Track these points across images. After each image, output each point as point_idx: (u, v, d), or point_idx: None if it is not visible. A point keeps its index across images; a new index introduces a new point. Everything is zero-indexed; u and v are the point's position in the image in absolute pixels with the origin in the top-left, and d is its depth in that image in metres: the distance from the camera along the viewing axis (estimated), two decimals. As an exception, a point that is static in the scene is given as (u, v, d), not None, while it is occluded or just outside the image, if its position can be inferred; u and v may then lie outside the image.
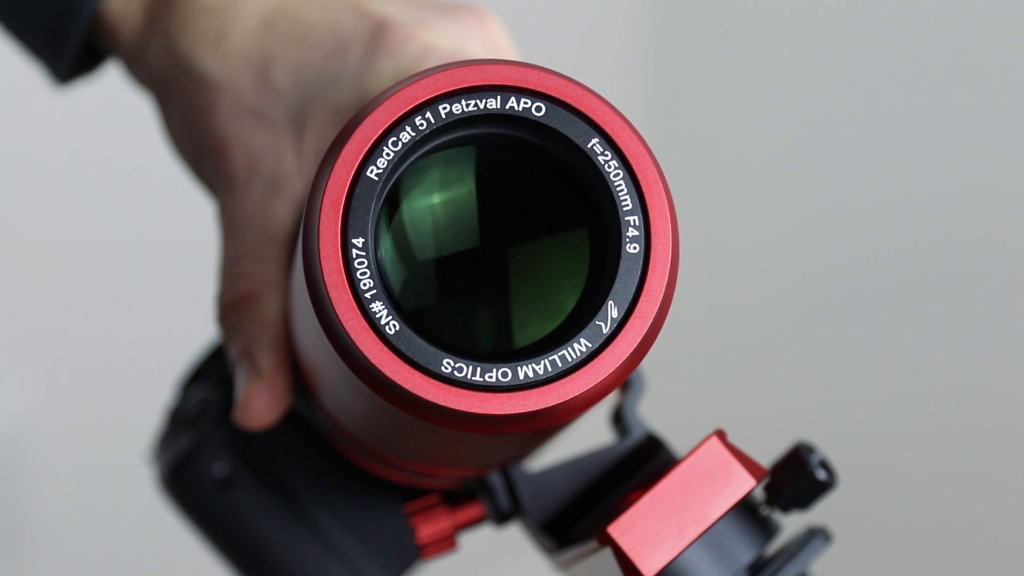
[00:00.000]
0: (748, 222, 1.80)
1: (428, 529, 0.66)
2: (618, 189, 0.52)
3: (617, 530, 0.56)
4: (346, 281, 0.51)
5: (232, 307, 0.65)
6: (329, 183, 0.51)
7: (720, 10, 1.81)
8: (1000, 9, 1.55)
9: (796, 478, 0.61)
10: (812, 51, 1.71)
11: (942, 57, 1.59)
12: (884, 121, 1.64)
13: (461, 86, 0.52)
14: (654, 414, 0.76)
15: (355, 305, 0.50)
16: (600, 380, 0.51)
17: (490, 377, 0.50)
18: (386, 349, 0.50)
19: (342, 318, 0.50)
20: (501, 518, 0.67)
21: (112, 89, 1.30)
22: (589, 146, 0.52)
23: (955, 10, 1.58)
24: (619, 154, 0.52)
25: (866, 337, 1.69)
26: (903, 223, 1.64)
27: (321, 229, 0.51)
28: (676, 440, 0.68)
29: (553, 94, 0.52)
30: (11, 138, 1.44)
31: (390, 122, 0.51)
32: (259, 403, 0.65)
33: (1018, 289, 1.57)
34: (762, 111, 1.77)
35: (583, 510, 0.66)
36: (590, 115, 0.52)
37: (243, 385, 0.65)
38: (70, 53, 0.70)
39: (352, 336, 0.50)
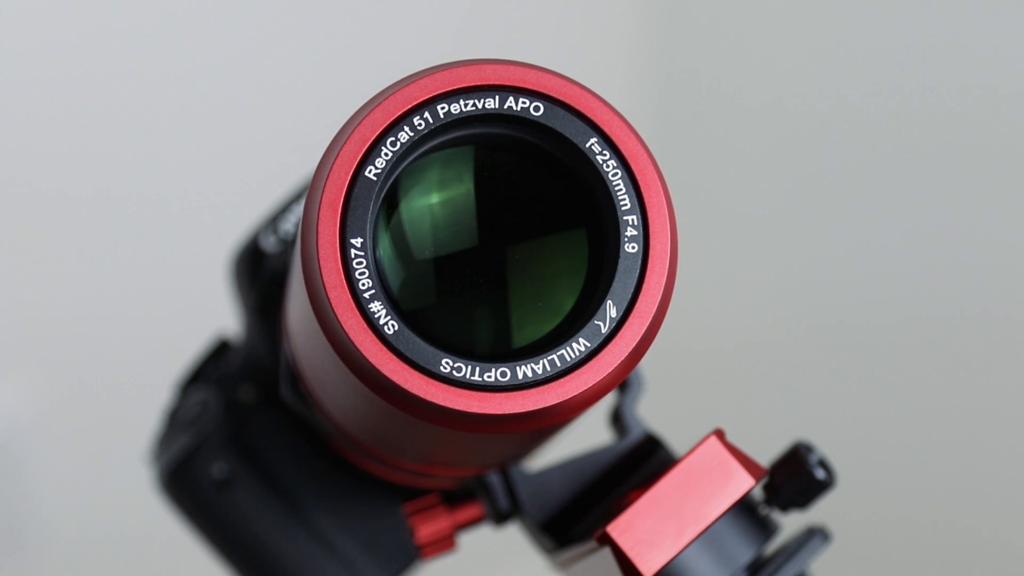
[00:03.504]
0: (748, 221, 1.80)
1: (427, 529, 0.66)
2: (616, 188, 0.52)
3: (616, 529, 0.56)
4: (344, 281, 0.50)
5: None
6: (327, 183, 0.51)
7: (721, 10, 1.81)
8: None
9: (795, 477, 0.61)
10: (816, 50, 1.70)
11: (944, 62, 1.59)
12: (888, 123, 1.64)
13: (459, 86, 0.52)
14: (653, 414, 0.76)
15: (354, 305, 0.50)
16: (599, 379, 0.51)
17: (489, 377, 0.50)
18: (385, 349, 0.50)
19: (341, 318, 0.50)
20: (500, 518, 0.67)
21: (111, 95, 1.30)
22: (587, 145, 0.52)
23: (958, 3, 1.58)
24: (617, 153, 0.52)
25: (865, 337, 1.69)
26: (903, 222, 1.64)
27: (320, 229, 0.51)
28: (675, 440, 0.67)
29: (551, 94, 0.52)
30: (11, 139, 1.44)
31: (388, 122, 0.51)
32: None
33: (1016, 292, 1.57)
34: (762, 111, 1.77)
35: (582, 510, 0.66)
36: (588, 114, 0.52)
37: None
38: None
39: (351, 336, 0.50)
